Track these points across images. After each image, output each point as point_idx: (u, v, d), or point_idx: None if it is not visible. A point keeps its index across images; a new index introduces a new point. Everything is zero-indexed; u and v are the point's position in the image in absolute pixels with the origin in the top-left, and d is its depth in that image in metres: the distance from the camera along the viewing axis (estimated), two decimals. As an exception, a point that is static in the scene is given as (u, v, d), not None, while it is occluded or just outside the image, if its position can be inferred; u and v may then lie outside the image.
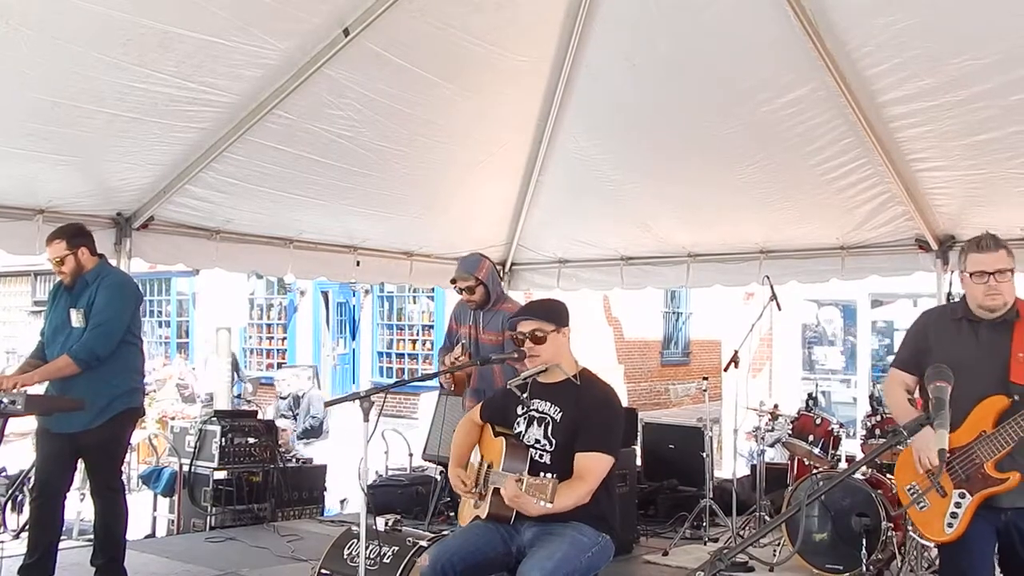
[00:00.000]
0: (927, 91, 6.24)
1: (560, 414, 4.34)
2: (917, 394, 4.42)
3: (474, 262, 6.43)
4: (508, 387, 4.54)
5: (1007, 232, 7.30)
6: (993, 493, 3.99)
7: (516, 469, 4.24)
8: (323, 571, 5.39)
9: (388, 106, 6.97)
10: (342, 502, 10.18)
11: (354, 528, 5.18)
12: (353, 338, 22.39)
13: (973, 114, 6.28)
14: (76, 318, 5.73)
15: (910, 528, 5.30)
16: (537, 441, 4.34)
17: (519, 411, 4.48)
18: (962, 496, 4.02)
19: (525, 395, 4.45)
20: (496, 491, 4.24)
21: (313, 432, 14.89)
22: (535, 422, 4.39)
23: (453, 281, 6.46)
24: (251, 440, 8.64)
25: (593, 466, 4.19)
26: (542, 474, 3.96)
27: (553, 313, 4.49)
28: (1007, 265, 4.16)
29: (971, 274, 4.15)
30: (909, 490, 4.24)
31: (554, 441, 4.31)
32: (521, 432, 4.42)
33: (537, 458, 4.31)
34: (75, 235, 5.87)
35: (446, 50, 6.62)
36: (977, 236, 4.27)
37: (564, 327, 4.47)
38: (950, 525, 4.03)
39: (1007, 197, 7.04)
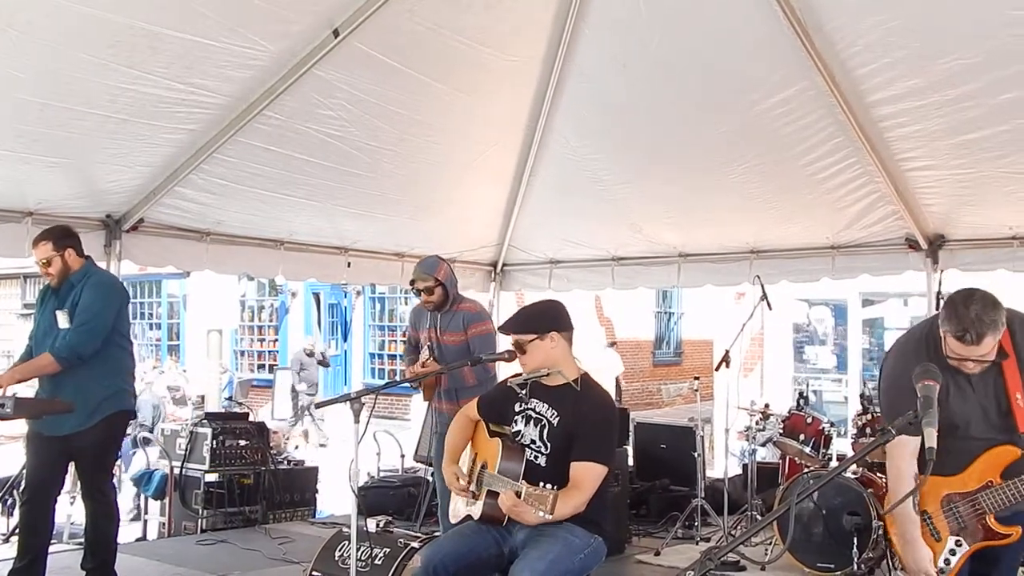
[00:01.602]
0: (916, 90, 6.26)
1: (557, 418, 4.32)
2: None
3: (432, 264, 6.43)
4: (508, 384, 4.55)
5: (996, 231, 7.38)
6: (992, 546, 3.82)
7: (511, 470, 4.23)
8: (314, 573, 5.39)
9: (378, 106, 6.97)
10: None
11: (345, 530, 5.19)
12: (345, 339, 22.41)
13: (961, 113, 6.30)
14: (62, 319, 5.71)
15: (898, 569, 5.07)
16: (533, 442, 4.34)
17: (516, 408, 4.47)
18: (958, 544, 3.84)
19: (524, 393, 4.46)
20: (490, 493, 4.23)
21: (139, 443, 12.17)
22: (531, 422, 4.38)
23: (412, 283, 6.47)
24: (242, 442, 8.62)
25: (588, 475, 4.18)
26: (541, 484, 3.96)
27: (531, 321, 4.45)
28: (989, 350, 3.64)
29: (948, 356, 3.69)
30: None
31: (549, 445, 4.30)
32: (519, 431, 4.41)
33: (532, 459, 4.30)
34: (62, 237, 5.84)
35: (436, 50, 6.61)
36: (961, 318, 3.60)
37: (548, 332, 4.37)
38: (942, 572, 3.83)
39: (996, 196, 7.06)
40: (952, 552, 3.83)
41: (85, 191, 7.02)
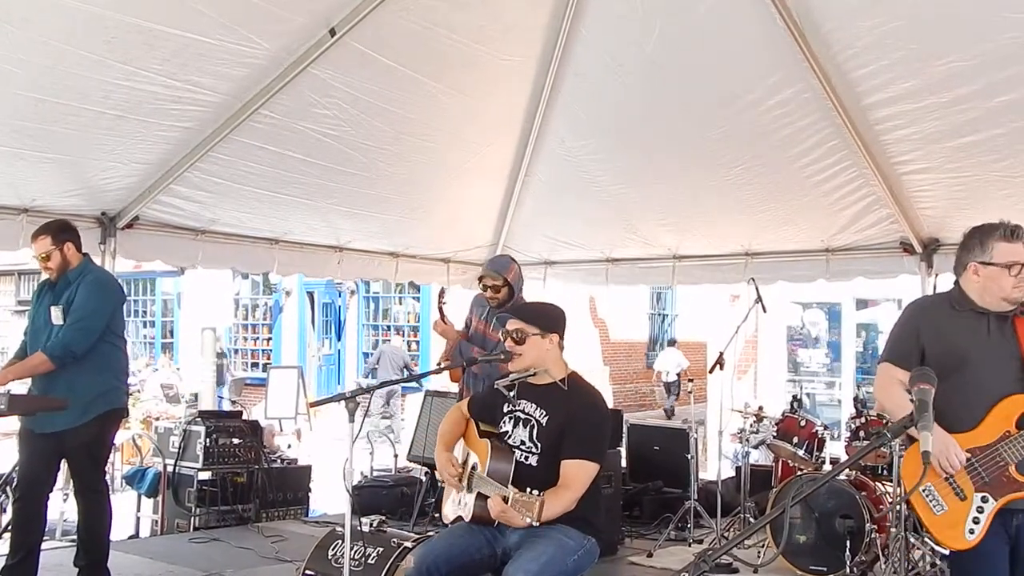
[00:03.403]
0: (911, 93, 6.27)
1: (546, 418, 4.33)
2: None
3: (504, 264, 6.67)
4: (495, 386, 4.55)
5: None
6: (1019, 497, 3.73)
7: (501, 471, 4.24)
8: (307, 572, 5.38)
9: (374, 105, 6.96)
10: None
11: (338, 529, 5.18)
12: (339, 339, 22.40)
13: (957, 116, 6.30)
14: (56, 315, 5.70)
15: (925, 536, 4.91)
16: (522, 443, 4.34)
17: (505, 409, 4.48)
18: (984, 500, 3.73)
19: (512, 394, 4.46)
20: (480, 495, 4.24)
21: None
22: (520, 423, 4.39)
23: (480, 278, 6.68)
24: (235, 441, 8.60)
25: (579, 474, 4.19)
26: (528, 489, 3.96)
27: (539, 317, 4.47)
28: None
29: (1007, 266, 3.80)
30: (925, 492, 3.83)
31: (539, 445, 4.31)
32: (507, 432, 4.42)
33: (522, 460, 4.31)
34: (61, 231, 5.84)
35: (432, 49, 6.61)
36: (1000, 223, 3.87)
37: (551, 333, 4.42)
38: (971, 531, 3.73)
39: (991, 200, 7.04)
40: (980, 509, 3.74)
41: (80, 188, 7.00)
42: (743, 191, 7.86)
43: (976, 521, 3.73)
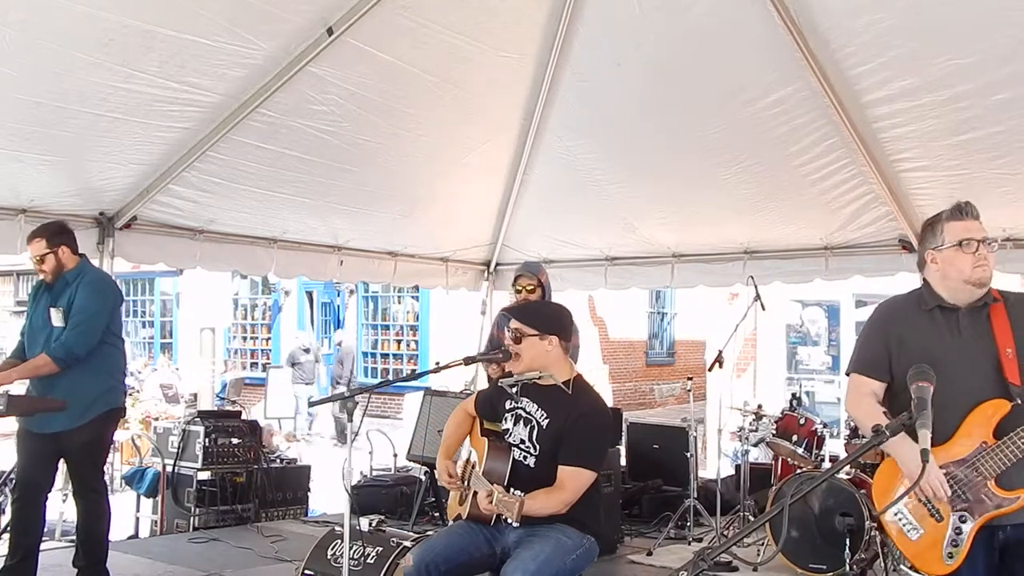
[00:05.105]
0: (910, 91, 6.27)
1: (547, 420, 4.32)
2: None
3: (537, 266, 6.87)
4: (499, 383, 4.56)
5: (989, 232, 7.32)
6: (1000, 515, 3.39)
7: (496, 471, 4.25)
8: (307, 572, 5.37)
9: (371, 101, 6.97)
10: None
11: (338, 529, 5.17)
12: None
13: (956, 114, 6.31)
14: (56, 317, 5.70)
15: (901, 563, 4.61)
16: (521, 441, 4.34)
17: (508, 406, 4.48)
18: (962, 520, 3.40)
19: (515, 391, 4.46)
20: (476, 494, 4.24)
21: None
22: (521, 421, 4.39)
23: (516, 280, 6.77)
24: (235, 440, 8.59)
25: (573, 480, 4.18)
26: (511, 490, 4.01)
27: (537, 318, 4.45)
28: (987, 233, 3.62)
29: (958, 244, 3.57)
30: (896, 515, 3.54)
31: (538, 447, 4.30)
32: (508, 429, 4.43)
33: (521, 459, 4.31)
34: (56, 233, 5.83)
35: (429, 46, 6.61)
36: (952, 205, 3.70)
37: (551, 335, 4.37)
38: (951, 556, 3.40)
39: (990, 197, 7.02)
40: (958, 531, 3.41)
41: (78, 189, 7.01)
42: (741, 189, 7.86)
43: (955, 544, 3.41)
